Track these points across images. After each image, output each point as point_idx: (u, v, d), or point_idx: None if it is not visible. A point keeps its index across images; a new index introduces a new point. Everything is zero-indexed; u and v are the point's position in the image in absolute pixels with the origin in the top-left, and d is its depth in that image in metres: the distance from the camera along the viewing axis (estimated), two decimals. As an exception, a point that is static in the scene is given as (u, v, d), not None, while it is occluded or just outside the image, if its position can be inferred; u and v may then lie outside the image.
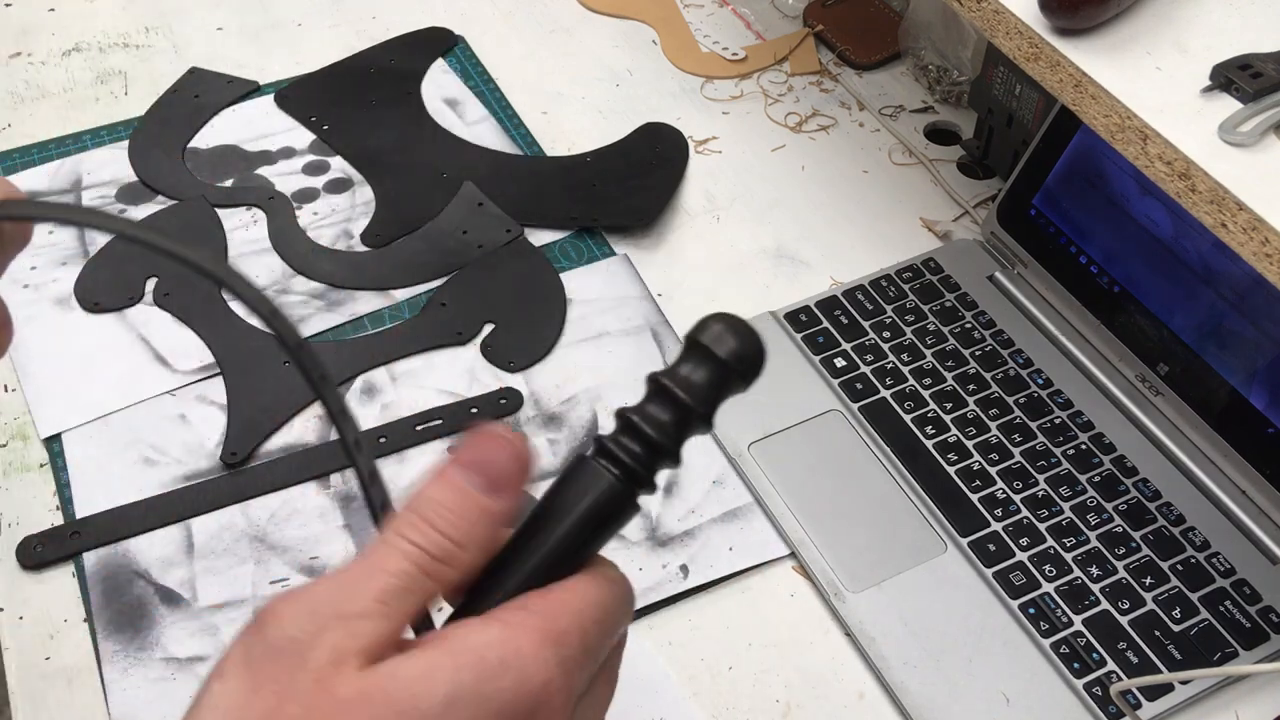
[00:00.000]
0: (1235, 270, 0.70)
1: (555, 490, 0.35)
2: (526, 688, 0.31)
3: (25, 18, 1.05)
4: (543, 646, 0.32)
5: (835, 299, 0.83)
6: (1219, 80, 0.58)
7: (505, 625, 0.32)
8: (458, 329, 0.82)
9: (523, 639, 0.32)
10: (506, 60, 1.03)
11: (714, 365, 0.35)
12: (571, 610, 0.33)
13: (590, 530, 0.35)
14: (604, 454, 0.35)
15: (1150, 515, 0.72)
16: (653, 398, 0.36)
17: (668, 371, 0.35)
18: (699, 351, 0.36)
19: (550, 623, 0.33)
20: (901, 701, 0.64)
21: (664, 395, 0.35)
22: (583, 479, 0.35)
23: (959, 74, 0.99)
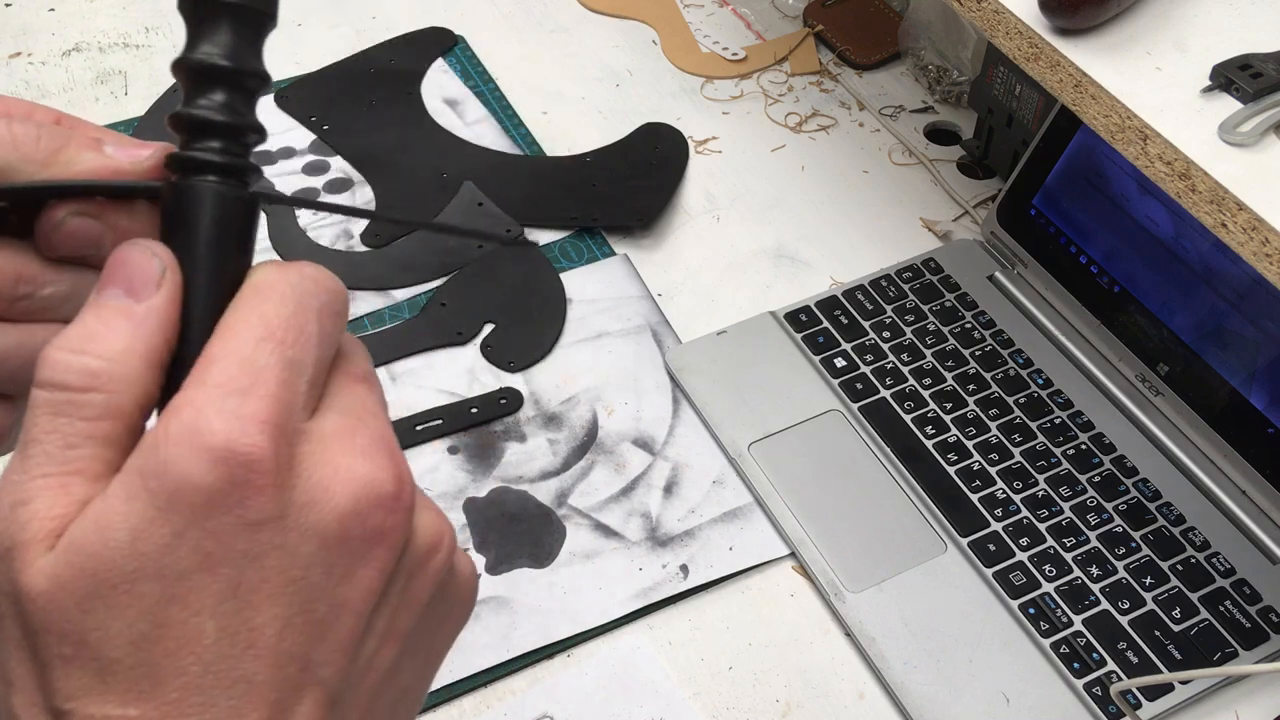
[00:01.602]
0: (1235, 270, 0.70)
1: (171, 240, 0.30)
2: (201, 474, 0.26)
3: (25, 18, 1.05)
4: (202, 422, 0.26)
5: (835, 299, 0.83)
6: (1219, 80, 0.58)
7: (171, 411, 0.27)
8: (458, 329, 0.82)
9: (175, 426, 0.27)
10: (506, 60, 1.03)
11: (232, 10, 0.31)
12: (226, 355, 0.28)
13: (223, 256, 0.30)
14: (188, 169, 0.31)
15: (1150, 515, 0.72)
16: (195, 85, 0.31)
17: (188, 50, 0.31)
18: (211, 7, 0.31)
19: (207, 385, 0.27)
20: (901, 701, 0.64)
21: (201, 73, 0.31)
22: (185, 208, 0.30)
23: (959, 74, 0.99)
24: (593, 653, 0.67)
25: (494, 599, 0.68)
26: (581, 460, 0.75)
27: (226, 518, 0.26)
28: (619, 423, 0.77)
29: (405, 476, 0.29)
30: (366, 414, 0.30)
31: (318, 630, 0.28)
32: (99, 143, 0.35)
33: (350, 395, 0.30)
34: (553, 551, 0.71)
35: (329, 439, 0.28)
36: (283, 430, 0.27)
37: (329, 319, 0.30)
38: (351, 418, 0.29)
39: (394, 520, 0.29)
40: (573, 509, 0.73)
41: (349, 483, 0.28)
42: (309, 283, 0.30)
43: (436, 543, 0.30)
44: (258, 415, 0.27)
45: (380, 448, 0.29)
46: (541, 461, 0.75)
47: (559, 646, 0.67)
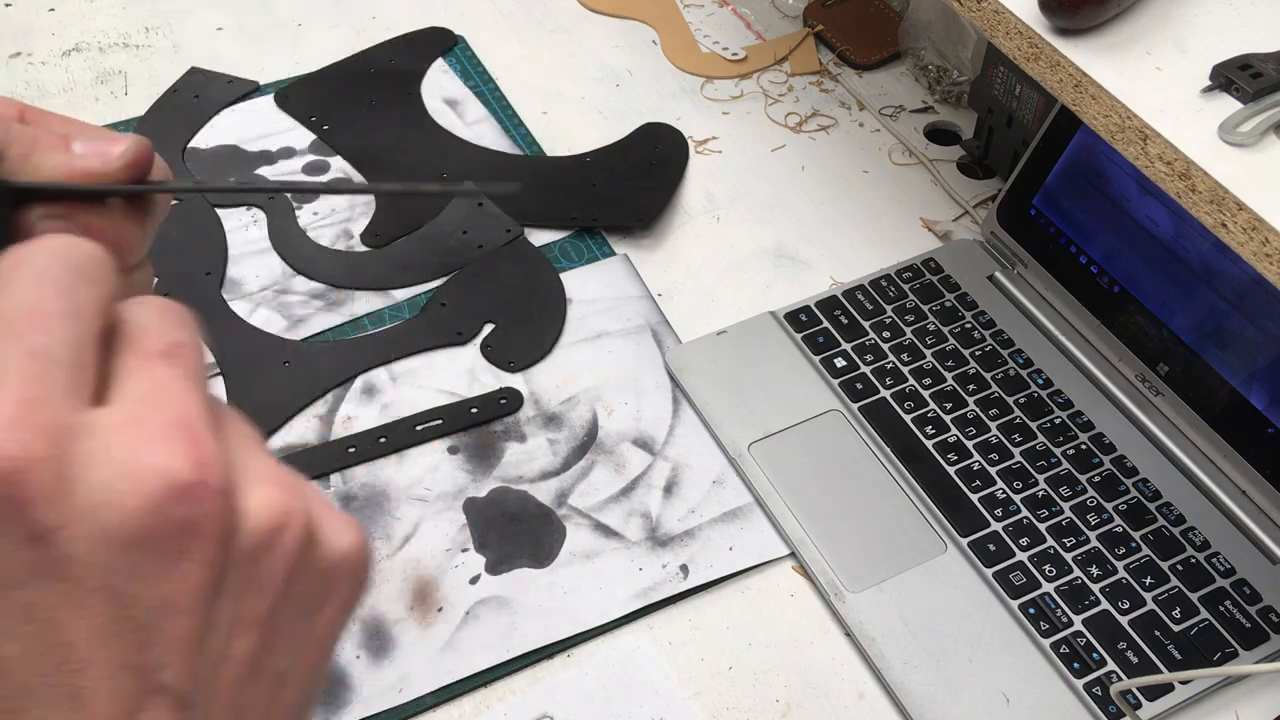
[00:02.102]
0: (1235, 270, 0.70)
1: None
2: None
3: (25, 18, 1.05)
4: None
5: (835, 299, 0.83)
6: (1219, 80, 0.58)
7: None
8: (458, 329, 0.82)
9: None
10: (506, 60, 1.03)
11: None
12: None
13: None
14: None
15: (1150, 515, 0.72)
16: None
17: None
18: None
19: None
20: (901, 701, 0.64)
21: None
22: None
23: (959, 74, 0.99)
24: (593, 653, 0.67)
25: (494, 599, 0.68)
26: (581, 460, 0.75)
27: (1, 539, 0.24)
28: (619, 423, 0.77)
29: (207, 459, 0.26)
30: (162, 394, 0.27)
31: (142, 635, 0.26)
32: (67, 140, 0.34)
33: (142, 375, 0.27)
34: (553, 551, 0.71)
35: (112, 431, 0.26)
36: (40, 428, 0.25)
37: (79, 289, 0.27)
38: (141, 402, 0.27)
39: (202, 509, 0.26)
40: (573, 509, 0.73)
41: (138, 478, 0.25)
42: (44, 257, 0.27)
43: (278, 521, 0.28)
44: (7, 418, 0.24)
45: (175, 432, 0.26)
46: (541, 461, 0.75)
47: (559, 646, 0.67)
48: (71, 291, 0.27)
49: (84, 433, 0.25)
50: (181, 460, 0.26)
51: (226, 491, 0.27)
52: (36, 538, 0.25)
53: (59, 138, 0.34)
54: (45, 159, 0.33)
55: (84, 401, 0.26)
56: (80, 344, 0.27)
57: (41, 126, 0.34)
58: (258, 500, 0.28)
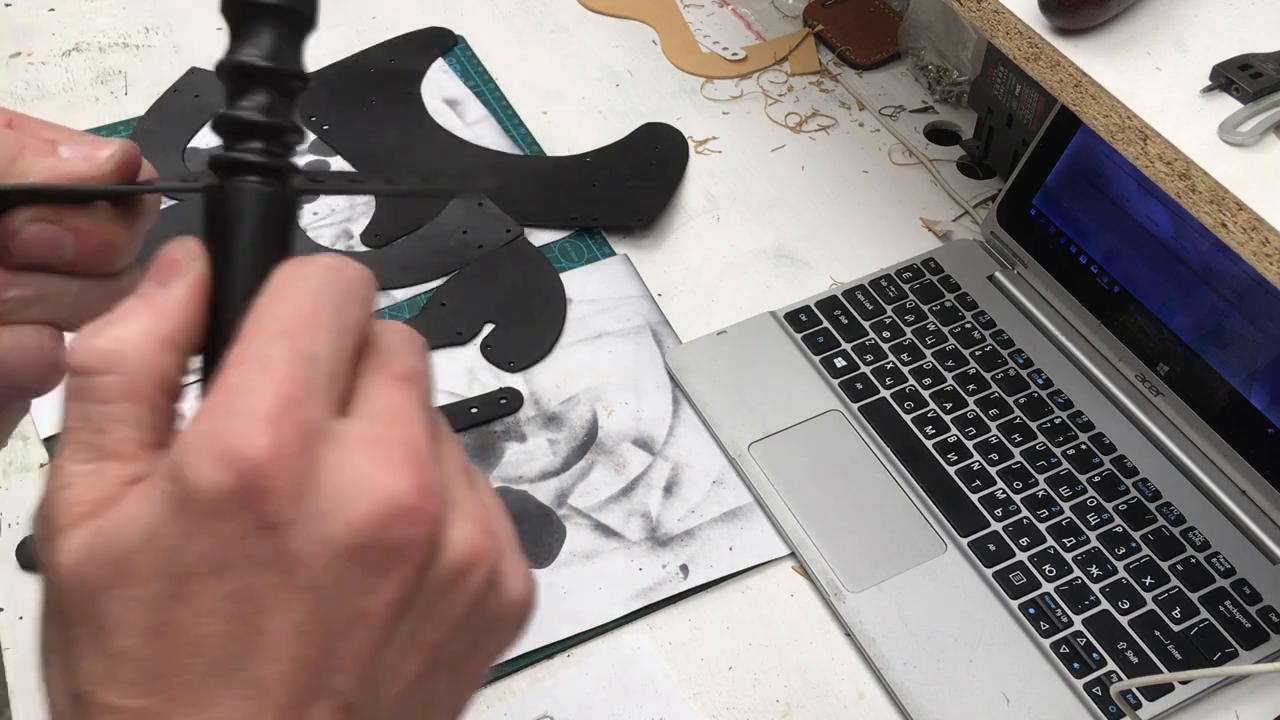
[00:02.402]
0: (1235, 270, 0.70)
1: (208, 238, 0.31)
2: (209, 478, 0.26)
3: (25, 18, 1.05)
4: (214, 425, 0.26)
5: (835, 299, 0.83)
6: (1219, 80, 0.58)
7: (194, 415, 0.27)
8: (458, 329, 0.82)
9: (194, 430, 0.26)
10: (506, 60, 1.03)
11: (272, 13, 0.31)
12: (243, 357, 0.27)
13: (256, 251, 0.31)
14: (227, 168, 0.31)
15: (1150, 515, 0.72)
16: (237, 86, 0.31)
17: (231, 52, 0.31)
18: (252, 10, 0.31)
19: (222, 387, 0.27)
20: (901, 701, 0.64)
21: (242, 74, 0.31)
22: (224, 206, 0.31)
23: (959, 74, 0.99)
24: (593, 653, 0.67)
25: (494, 599, 0.68)
26: (581, 460, 0.75)
27: (235, 522, 0.26)
28: (619, 423, 0.77)
29: (431, 488, 0.28)
30: (398, 418, 0.29)
31: (332, 639, 0.27)
32: (54, 145, 0.34)
33: (383, 397, 0.29)
34: (553, 551, 0.71)
35: (353, 445, 0.27)
36: (295, 427, 0.26)
37: (349, 307, 0.29)
38: (380, 422, 0.28)
39: (415, 534, 0.27)
40: (573, 509, 0.73)
41: (368, 494, 0.27)
42: (324, 272, 0.29)
43: (472, 560, 0.29)
44: (266, 413, 0.26)
45: (406, 457, 0.28)
46: (541, 461, 0.75)
47: (559, 646, 0.67)
48: (342, 307, 0.29)
49: (329, 440, 0.27)
50: (408, 484, 0.27)
51: (439, 521, 0.28)
52: (269, 528, 0.26)
53: (46, 142, 0.34)
54: (32, 163, 0.34)
55: (333, 410, 0.28)
56: (341, 357, 0.29)
57: (28, 132, 0.35)
58: (461, 534, 0.29)
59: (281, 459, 0.26)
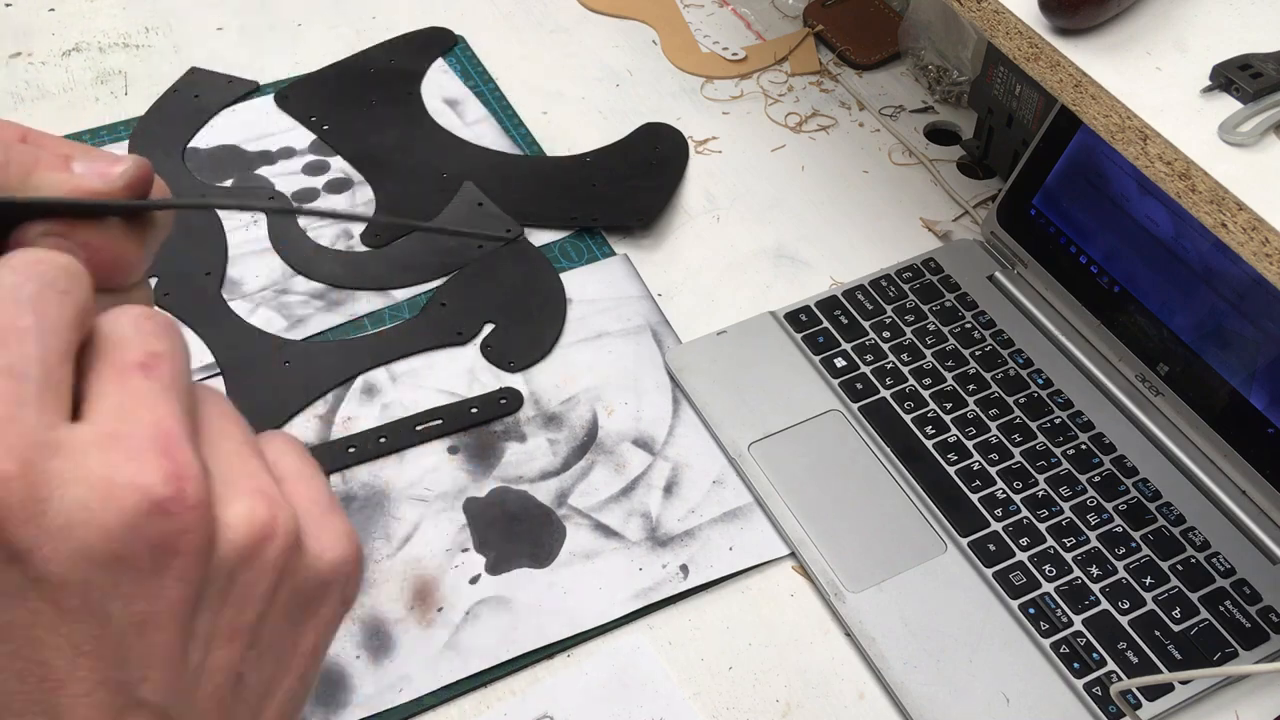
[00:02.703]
0: (1235, 270, 0.70)
1: None
2: None
3: (25, 18, 1.05)
4: None
5: (835, 299, 0.83)
6: (1219, 80, 0.58)
7: None
8: (458, 329, 0.82)
9: None
10: (506, 60, 1.03)
11: None
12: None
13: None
14: None
15: (1150, 515, 0.72)
16: None
17: None
18: None
19: None
20: (901, 701, 0.64)
21: None
22: None
23: (959, 74, 0.99)
24: (593, 653, 0.67)
25: (494, 599, 0.68)
26: (581, 460, 0.75)
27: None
28: (619, 423, 0.77)
29: (183, 472, 0.26)
30: (138, 407, 0.27)
31: (121, 651, 0.26)
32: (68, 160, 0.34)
33: (117, 390, 0.27)
34: (553, 551, 0.71)
35: (87, 449, 0.25)
36: (11, 448, 0.24)
37: (50, 305, 0.27)
38: (115, 417, 0.26)
39: (180, 523, 0.26)
40: (573, 509, 0.73)
41: (114, 495, 0.25)
42: (12, 273, 0.27)
43: (262, 532, 0.27)
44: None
45: (150, 446, 0.26)
46: (541, 461, 0.75)
47: (559, 646, 0.67)
48: (41, 306, 0.27)
49: (57, 450, 0.25)
50: (156, 475, 0.26)
51: (203, 505, 0.26)
52: (10, 558, 0.24)
53: (60, 158, 0.34)
54: (46, 177, 0.34)
55: (58, 417, 0.26)
56: (52, 359, 0.26)
57: (42, 147, 0.34)
58: (238, 511, 0.27)
59: (3, 483, 0.24)
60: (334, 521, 0.30)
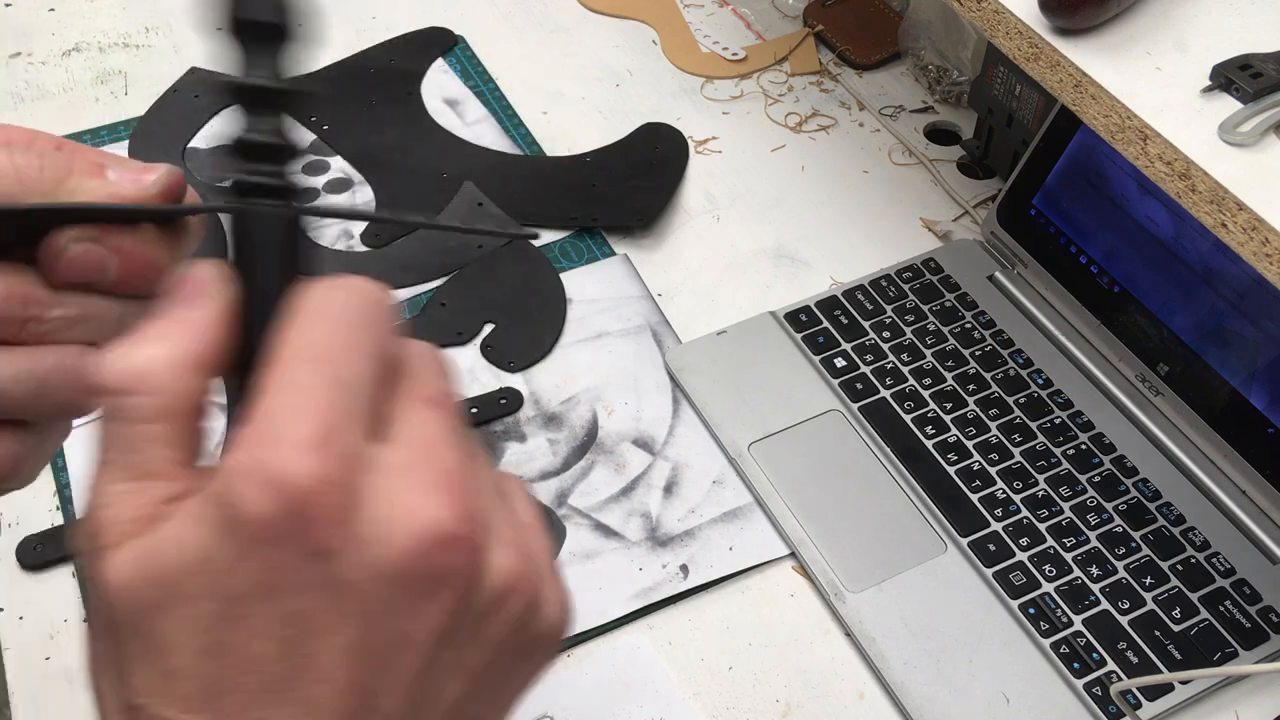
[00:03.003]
0: (1235, 270, 0.70)
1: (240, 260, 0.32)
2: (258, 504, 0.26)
3: (25, 18, 1.05)
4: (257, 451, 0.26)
5: (835, 299, 0.83)
6: (1219, 80, 0.58)
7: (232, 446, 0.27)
8: (458, 329, 0.82)
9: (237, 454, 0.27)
10: (506, 60, 1.03)
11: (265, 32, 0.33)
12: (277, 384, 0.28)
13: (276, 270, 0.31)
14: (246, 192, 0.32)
15: (1150, 515, 0.72)
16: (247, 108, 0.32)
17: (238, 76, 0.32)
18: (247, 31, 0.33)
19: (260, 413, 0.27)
20: (901, 701, 0.64)
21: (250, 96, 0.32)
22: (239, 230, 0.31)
23: (959, 74, 0.99)
24: (593, 653, 0.67)
25: (494, 599, 0.68)
26: (581, 460, 0.75)
27: (284, 548, 0.26)
28: (619, 423, 0.77)
29: (470, 514, 0.28)
30: (433, 443, 0.29)
31: (379, 662, 0.28)
32: (101, 168, 0.35)
33: (416, 422, 0.29)
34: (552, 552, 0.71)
35: (393, 472, 0.28)
36: (337, 454, 0.27)
37: (374, 329, 0.29)
38: (416, 448, 0.29)
39: (457, 561, 0.28)
40: (573, 509, 0.73)
41: (410, 521, 0.27)
42: (348, 295, 0.30)
43: (512, 585, 0.29)
44: (309, 441, 0.27)
45: (444, 483, 0.28)
46: (541, 461, 0.75)
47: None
48: (368, 330, 0.29)
49: (369, 467, 0.28)
50: (449, 511, 0.28)
51: (480, 548, 0.29)
52: (317, 554, 0.27)
53: (94, 165, 0.35)
54: (80, 184, 0.35)
55: (369, 435, 0.28)
56: (373, 381, 0.29)
57: (77, 155, 0.35)
58: (500, 561, 0.29)
59: (327, 486, 0.26)
60: (560, 584, 0.32)
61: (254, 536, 0.26)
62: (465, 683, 0.30)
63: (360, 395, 0.28)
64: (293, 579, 0.27)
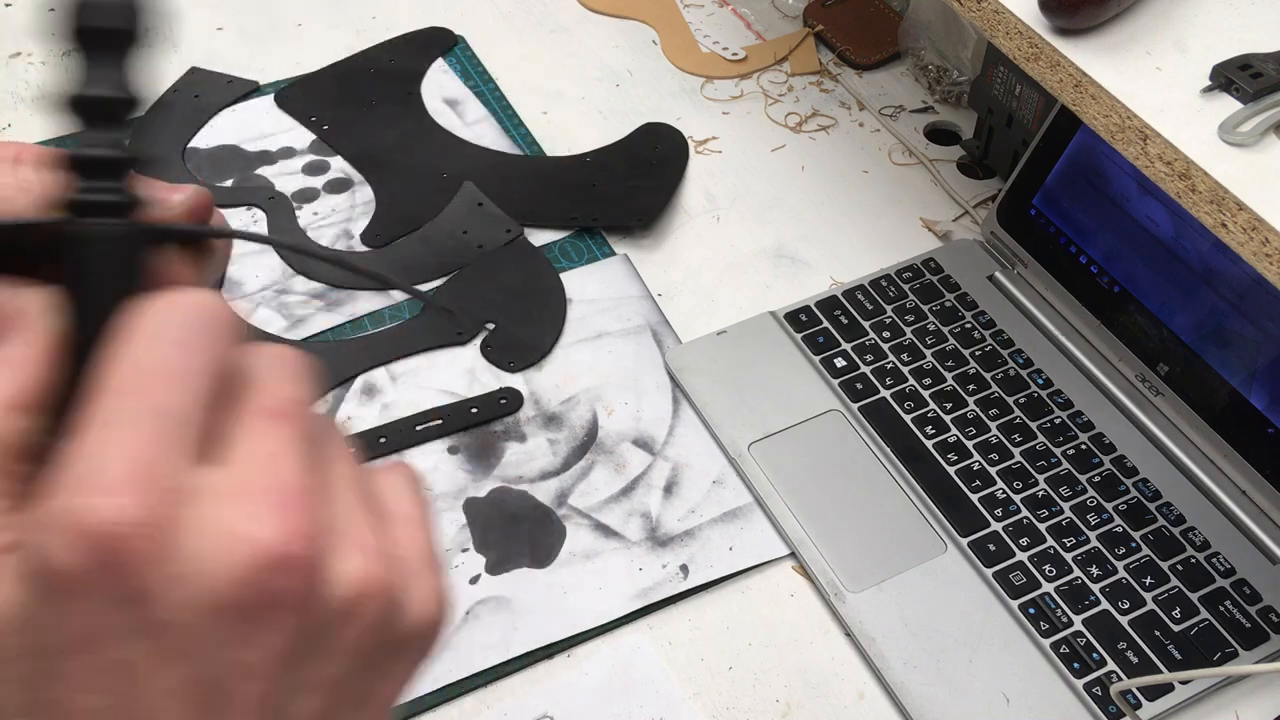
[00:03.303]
0: (1235, 270, 0.70)
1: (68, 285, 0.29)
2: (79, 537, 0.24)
3: (25, 18, 1.05)
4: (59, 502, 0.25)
5: (835, 299, 0.83)
6: (1219, 80, 0.58)
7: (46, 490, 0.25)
8: (458, 329, 0.82)
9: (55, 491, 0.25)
10: (506, 60, 1.03)
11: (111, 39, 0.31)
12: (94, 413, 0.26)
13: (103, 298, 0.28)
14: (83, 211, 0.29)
15: (1150, 515, 0.72)
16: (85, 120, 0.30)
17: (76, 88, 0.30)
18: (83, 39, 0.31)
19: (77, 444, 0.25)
20: (901, 701, 0.64)
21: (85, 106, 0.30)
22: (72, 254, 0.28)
23: (959, 74, 0.99)
24: (593, 653, 0.67)
25: (494, 599, 0.68)
26: (581, 460, 0.75)
27: (97, 598, 0.25)
28: (619, 423, 0.77)
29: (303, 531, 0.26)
30: (267, 458, 0.27)
31: (216, 697, 0.26)
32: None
33: (251, 437, 0.27)
34: (553, 551, 0.71)
35: (217, 498, 0.26)
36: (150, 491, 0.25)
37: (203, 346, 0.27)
38: (247, 468, 0.27)
39: (290, 582, 0.26)
40: (573, 509, 0.73)
41: (233, 550, 0.25)
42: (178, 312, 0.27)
43: (362, 592, 0.28)
44: (119, 482, 0.25)
45: (275, 502, 0.26)
46: (541, 461, 0.75)
47: (559, 646, 0.67)
48: (195, 347, 0.27)
49: (190, 497, 0.26)
50: (277, 532, 0.26)
51: (316, 565, 0.27)
52: (133, 599, 0.25)
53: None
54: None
55: (195, 460, 0.26)
56: (198, 403, 0.27)
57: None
58: (348, 568, 0.28)
59: (139, 528, 0.25)
60: (432, 579, 0.30)
61: (65, 590, 0.25)
62: (324, 697, 0.28)
63: (185, 422, 0.26)
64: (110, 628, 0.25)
